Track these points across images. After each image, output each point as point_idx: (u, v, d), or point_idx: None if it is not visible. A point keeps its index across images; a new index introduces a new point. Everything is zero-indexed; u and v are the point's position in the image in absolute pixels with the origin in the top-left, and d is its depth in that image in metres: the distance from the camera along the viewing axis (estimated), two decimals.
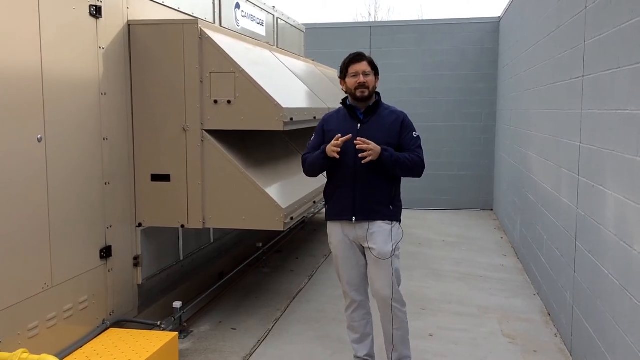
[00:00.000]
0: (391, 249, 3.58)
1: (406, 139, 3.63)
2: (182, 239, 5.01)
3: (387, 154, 3.48)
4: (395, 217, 3.66)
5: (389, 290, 3.59)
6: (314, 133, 3.86)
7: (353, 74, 3.64)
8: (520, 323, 4.88)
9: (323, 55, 9.48)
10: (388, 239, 3.58)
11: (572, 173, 4.29)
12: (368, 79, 3.62)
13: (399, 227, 3.67)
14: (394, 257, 3.59)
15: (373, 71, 3.68)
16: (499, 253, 7.27)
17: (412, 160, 3.57)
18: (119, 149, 4.09)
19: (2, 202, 3.04)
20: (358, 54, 3.71)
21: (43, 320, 3.35)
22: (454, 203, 10.26)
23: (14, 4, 3.10)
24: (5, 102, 3.04)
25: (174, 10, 4.73)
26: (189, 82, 4.18)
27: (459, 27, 10.13)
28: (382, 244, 3.57)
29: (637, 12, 2.98)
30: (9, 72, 3.06)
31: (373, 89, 3.67)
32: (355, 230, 3.63)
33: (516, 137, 7.41)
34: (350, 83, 3.66)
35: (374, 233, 3.58)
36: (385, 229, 3.59)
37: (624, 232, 3.12)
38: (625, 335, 3.03)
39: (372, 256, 3.59)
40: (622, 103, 3.18)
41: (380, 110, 3.69)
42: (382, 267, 3.58)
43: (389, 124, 3.64)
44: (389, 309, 3.62)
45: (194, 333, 4.61)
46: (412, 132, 3.67)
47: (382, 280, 3.60)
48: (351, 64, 3.68)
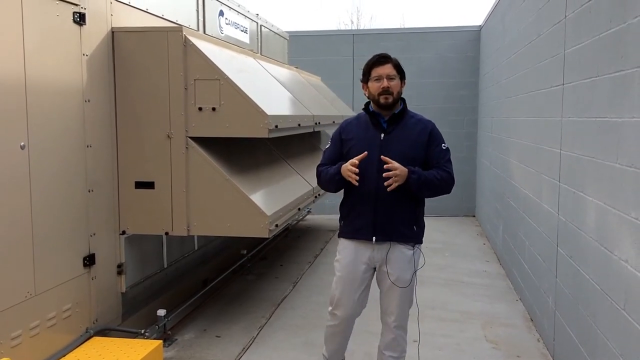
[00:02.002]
0: (410, 276, 3.30)
1: (434, 152, 3.31)
2: (166, 246, 4.99)
3: (415, 177, 3.17)
4: (417, 239, 3.37)
5: (401, 320, 3.37)
6: (330, 141, 3.52)
7: (376, 78, 3.30)
8: (503, 328, 4.93)
9: (307, 63, 9.53)
10: (409, 265, 3.31)
11: (553, 179, 4.35)
12: (393, 84, 3.28)
13: (420, 252, 3.39)
14: (412, 284, 3.33)
15: (399, 75, 3.34)
16: (481, 259, 7.33)
17: (441, 178, 3.25)
18: (102, 156, 4.07)
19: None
20: (382, 55, 3.36)
21: (26, 329, 3.32)
22: (437, 209, 10.26)
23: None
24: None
25: (158, 17, 4.73)
26: (173, 89, 4.18)
27: (441, 36, 10.24)
28: (401, 271, 3.29)
29: (616, 21, 3.04)
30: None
31: (398, 94, 3.33)
32: (373, 251, 3.32)
33: (497, 144, 7.50)
34: (373, 88, 3.31)
35: (394, 258, 3.29)
36: (406, 255, 3.31)
37: (604, 237, 3.17)
38: (607, 340, 3.08)
39: (389, 281, 3.30)
40: (602, 111, 3.25)
41: (407, 119, 3.36)
42: (398, 295, 3.32)
43: (415, 135, 3.31)
44: (396, 339, 3.41)
45: (178, 341, 4.59)
46: (441, 144, 3.35)
47: (397, 308, 3.35)
48: (374, 66, 3.33)
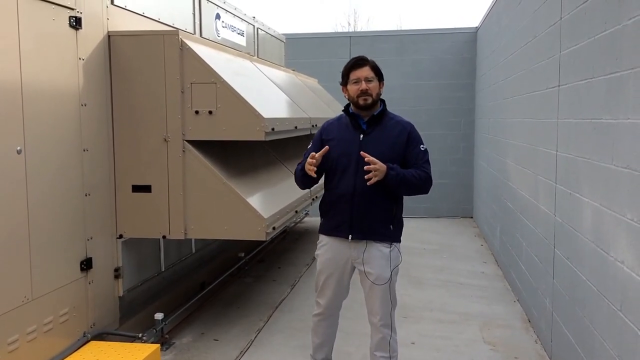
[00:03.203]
0: (389, 274, 3.36)
1: (412, 153, 3.39)
2: (163, 249, 4.99)
3: (394, 173, 3.25)
4: (395, 238, 3.43)
5: (386, 318, 3.40)
6: (311, 141, 3.64)
7: (355, 81, 3.39)
8: (501, 329, 4.93)
9: (303, 65, 9.53)
10: (386, 263, 3.36)
11: (549, 181, 4.36)
12: (371, 86, 3.37)
13: (398, 250, 3.45)
14: (392, 282, 3.39)
15: (377, 77, 3.42)
16: (479, 260, 7.34)
17: (419, 177, 3.35)
18: (99, 160, 4.06)
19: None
20: (360, 58, 3.44)
21: (23, 334, 3.31)
22: (434, 211, 10.34)
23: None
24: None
25: (154, 21, 4.73)
26: (169, 93, 4.18)
27: (437, 37, 10.26)
28: (379, 269, 3.35)
29: (611, 23, 3.05)
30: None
31: (377, 96, 3.41)
32: (350, 249, 3.41)
33: (494, 146, 7.51)
34: (352, 90, 3.41)
35: (372, 256, 3.36)
36: (384, 253, 3.37)
37: (600, 238, 3.18)
38: (604, 341, 3.08)
39: (369, 282, 3.38)
40: (597, 112, 3.26)
41: (386, 120, 3.44)
42: (379, 294, 3.37)
43: (394, 137, 3.39)
44: (384, 338, 3.42)
45: (176, 345, 4.58)
46: (419, 145, 3.43)
47: (380, 307, 3.39)
48: (352, 69, 3.41)
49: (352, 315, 4.75)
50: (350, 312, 4.64)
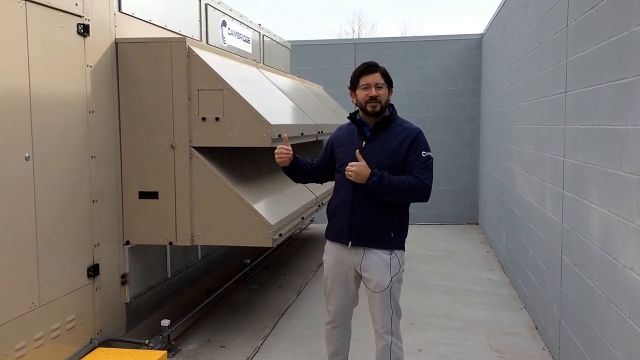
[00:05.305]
0: (389, 281, 3.32)
1: (411, 158, 3.30)
2: (169, 256, 4.99)
3: (375, 179, 3.20)
4: (396, 246, 3.39)
5: (387, 325, 3.36)
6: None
7: (364, 86, 3.34)
8: (508, 337, 4.91)
9: (309, 72, 9.57)
10: (386, 270, 3.32)
11: (556, 187, 4.35)
12: (380, 92, 3.33)
13: (400, 257, 3.39)
14: (393, 289, 3.34)
15: (386, 84, 3.38)
16: (485, 267, 7.31)
17: (410, 184, 3.23)
18: (106, 166, 4.08)
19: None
20: (371, 64, 3.39)
21: (30, 341, 3.32)
22: (440, 217, 10.32)
23: (0, 23, 3.10)
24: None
25: (162, 28, 4.75)
26: (176, 100, 4.19)
27: (442, 44, 10.27)
28: (379, 276, 3.32)
29: (618, 29, 3.05)
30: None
31: (386, 102, 3.38)
32: (350, 255, 3.40)
33: (500, 152, 7.50)
34: (361, 96, 3.36)
35: (371, 263, 3.33)
36: (384, 260, 3.34)
37: (609, 245, 3.16)
38: (613, 348, 3.06)
39: (369, 289, 3.37)
40: (605, 118, 3.25)
41: (392, 127, 3.39)
42: (380, 301, 3.34)
43: (396, 143, 3.33)
44: (387, 345, 3.38)
45: (182, 351, 4.58)
46: (422, 151, 3.32)
47: (381, 314, 3.36)
48: (362, 74, 3.36)
49: (359, 322, 4.71)
50: (359, 319, 4.60)
